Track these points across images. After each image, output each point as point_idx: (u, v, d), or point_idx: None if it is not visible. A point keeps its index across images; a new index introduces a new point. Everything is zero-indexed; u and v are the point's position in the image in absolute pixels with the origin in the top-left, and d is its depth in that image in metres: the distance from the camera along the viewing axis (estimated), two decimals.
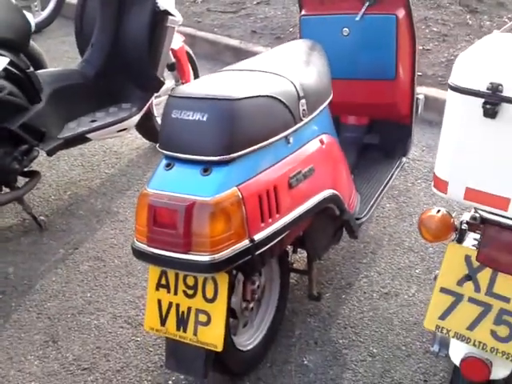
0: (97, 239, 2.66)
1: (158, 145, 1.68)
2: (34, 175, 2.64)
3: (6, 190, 2.61)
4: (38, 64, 3.06)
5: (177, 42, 3.10)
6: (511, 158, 1.26)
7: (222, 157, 1.55)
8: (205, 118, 1.56)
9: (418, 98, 2.59)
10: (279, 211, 1.66)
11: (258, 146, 1.62)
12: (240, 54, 4.37)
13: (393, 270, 2.40)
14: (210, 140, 1.57)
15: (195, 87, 1.72)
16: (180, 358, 1.72)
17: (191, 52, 3.34)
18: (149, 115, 3.07)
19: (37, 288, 2.38)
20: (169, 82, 3.18)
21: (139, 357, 2.05)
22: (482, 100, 1.26)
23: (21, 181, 2.64)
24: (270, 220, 1.63)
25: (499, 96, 1.25)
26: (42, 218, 2.73)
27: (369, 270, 2.40)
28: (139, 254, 1.63)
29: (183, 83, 3.20)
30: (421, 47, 4.08)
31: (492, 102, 1.25)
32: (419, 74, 3.75)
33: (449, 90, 1.32)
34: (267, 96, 1.66)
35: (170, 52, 3.06)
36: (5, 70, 2.37)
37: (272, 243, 1.64)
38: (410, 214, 2.73)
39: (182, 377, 1.93)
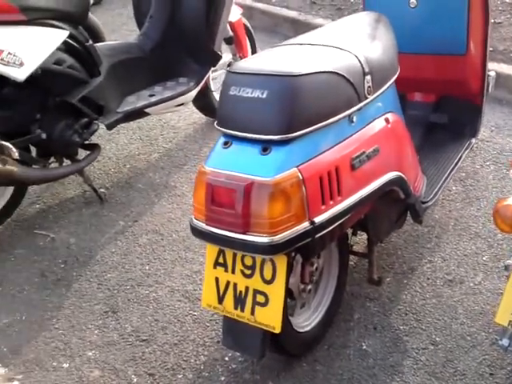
0: (155, 213, 2.68)
1: (215, 122, 1.64)
2: (94, 148, 2.67)
3: (67, 162, 2.66)
4: (96, 36, 3.08)
5: (235, 14, 3.04)
6: None
7: (281, 136, 1.51)
8: (264, 95, 1.51)
9: (488, 75, 2.44)
10: (341, 193, 1.60)
11: (320, 125, 1.56)
12: (298, 26, 4.27)
13: (458, 256, 2.30)
14: (270, 118, 1.52)
15: (254, 63, 1.66)
16: (237, 336, 1.71)
17: (249, 25, 3.28)
18: (205, 90, 3.04)
19: (97, 259, 2.43)
20: (226, 55, 3.14)
21: (196, 331, 2.06)
22: None
23: (82, 153, 2.69)
24: (332, 202, 1.58)
25: None
26: (102, 190, 2.78)
27: (432, 255, 2.31)
28: (197, 233, 1.62)
29: (240, 57, 3.15)
30: (492, 20, 3.85)
31: None
32: (490, 49, 3.56)
33: None
34: (330, 72, 1.60)
35: (228, 25, 3.00)
36: (64, 43, 2.39)
37: (333, 226, 1.59)
38: (478, 197, 2.60)
39: (239, 354, 1.93)
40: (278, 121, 1.52)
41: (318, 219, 1.54)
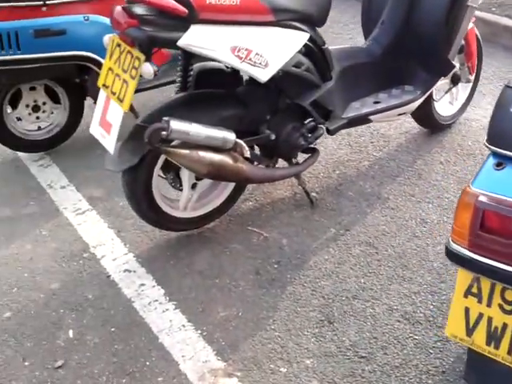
0: (367, 224, 2.60)
1: (485, 139, 1.51)
2: (313, 152, 2.65)
3: (282, 164, 2.67)
4: None
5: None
6: None
7: None
8: None
9: None
10: None
11: None
12: None
13: None
14: None
15: None
16: (483, 373, 1.58)
17: (479, 35, 3.07)
18: (428, 99, 2.89)
19: (310, 264, 2.40)
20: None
21: (418, 357, 1.94)
22: None
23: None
24: None
25: None
26: (313, 194, 2.76)
27: None
28: (455, 257, 1.51)
29: (468, 67, 2.96)
30: None
31: None
32: None
33: None
34: None
35: None
36: (304, 45, 2.39)
37: None
38: None
39: None
40: None
41: None
